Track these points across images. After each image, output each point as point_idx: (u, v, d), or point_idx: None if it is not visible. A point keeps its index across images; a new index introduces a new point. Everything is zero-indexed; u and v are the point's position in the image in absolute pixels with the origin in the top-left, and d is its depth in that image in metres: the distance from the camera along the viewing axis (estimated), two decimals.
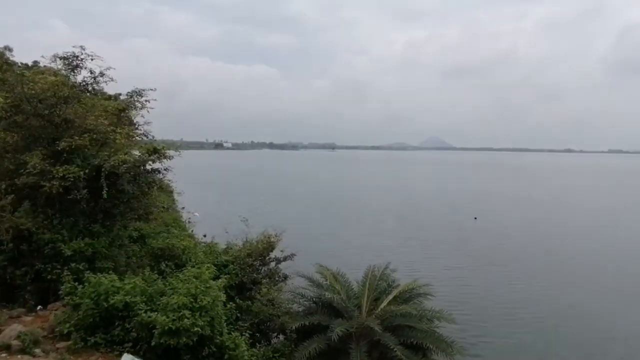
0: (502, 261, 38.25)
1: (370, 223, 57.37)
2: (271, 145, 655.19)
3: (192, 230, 33.06)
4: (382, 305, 15.43)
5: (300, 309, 16.27)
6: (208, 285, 10.56)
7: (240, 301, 14.86)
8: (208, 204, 66.10)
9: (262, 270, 17.04)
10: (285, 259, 17.69)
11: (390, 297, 15.80)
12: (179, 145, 15.39)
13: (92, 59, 12.77)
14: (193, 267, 12.36)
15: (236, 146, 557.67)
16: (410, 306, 15.22)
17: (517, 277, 33.50)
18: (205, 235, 29.39)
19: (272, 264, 17.41)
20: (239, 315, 14.18)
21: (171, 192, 46.88)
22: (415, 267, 34.76)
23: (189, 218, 37.38)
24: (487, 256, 39.82)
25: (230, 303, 13.14)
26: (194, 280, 10.57)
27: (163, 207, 22.01)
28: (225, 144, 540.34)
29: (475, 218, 60.66)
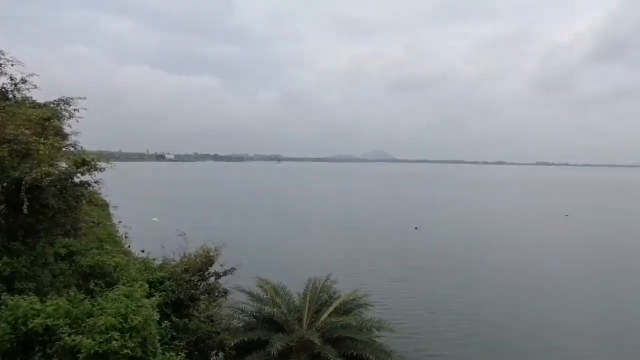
0: (442, 270, 39.38)
1: (315, 235, 57.55)
2: (216, 157, 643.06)
3: (129, 246, 31.62)
4: (322, 318, 15.42)
5: (241, 325, 15.93)
6: (140, 304, 10.11)
7: (177, 319, 14.32)
8: (147, 218, 63.62)
9: (201, 286, 16.54)
10: (225, 273, 17.28)
11: (331, 309, 15.84)
12: (118, 157, 14.72)
13: (12, 65, 11.98)
14: (125, 285, 11.81)
15: (179, 158, 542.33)
16: (351, 317, 15.32)
17: (457, 285, 34.48)
18: (143, 251, 28.19)
19: (212, 279, 16.94)
20: (175, 334, 13.65)
21: (107, 206, 44.75)
22: (359, 278, 35.12)
23: (125, 234, 35.65)
24: (428, 266, 40.93)
25: (166, 322, 12.64)
26: (125, 299, 10.09)
27: (94, 222, 20.86)
28: (167, 156, 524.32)
29: (416, 228, 62.47)
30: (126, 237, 34.97)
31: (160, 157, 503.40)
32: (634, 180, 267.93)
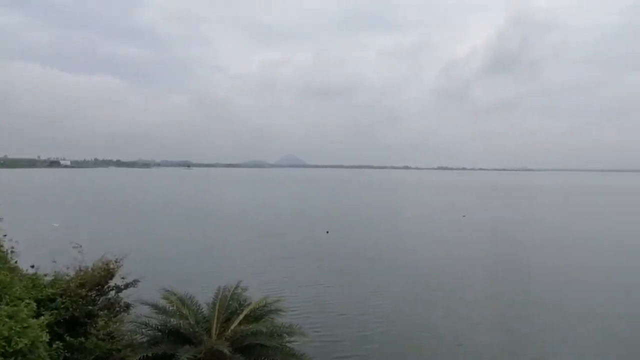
0: (354, 272, 40.32)
1: (226, 242, 56.42)
2: (118, 163, 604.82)
3: (15, 262, 28.53)
4: (232, 326, 15.16)
5: (144, 340, 15.12)
6: (26, 325, 9.25)
7: (72, 338, 13.25)
8: (37, 230, 58.05)
9: (100, 300, 15.48)
10: (127, 286, 16.34)
11: (241, 316, 15.62)
12: (2, 163, 13.27)
13: None
14: (8, 305, 10.68)
15: (76, 164, 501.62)
16: (261, 324, 15.22)
17: (370, 286, 35.43)
18: (33, 266, 25.61)
19: (112, 293, 15.93)
20: (68, 355, 12.62)
21: None
22: (271, 284, 35.02)
23: (11, 248, 32.14)
24: (340, 268, 41.80)
25: (58, 342, 11.65)
26: (7, 320, 9.16)
27: None
28: (62, 162, 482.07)
29: (328, 232, 63.82)
30: (12, 252, 31.54)
31: (54, 163, 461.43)
32: (522, 183, 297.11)
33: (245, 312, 15.86)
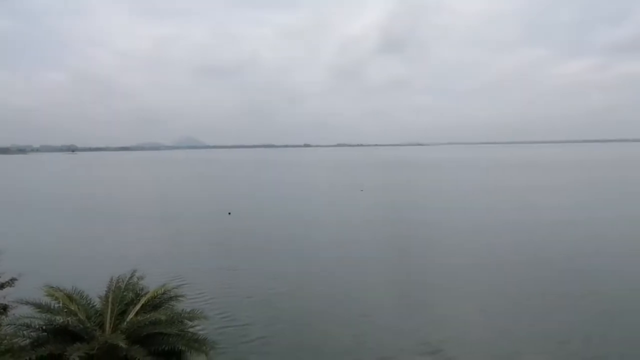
0: (258, 253, 40.05)
1: (121, 230, 52.98)
2: None
3: None
4: (128, 318, 14.44)
5: (27, 342, 13.81)
6: None
7: None
8: None
9: None
10: (2, 286, 14.72)
11: (138, 307, 14.93)
12: None
13: None
14: None
15: None
16: (160, 312, 14.69)
17: (273, 268, 35.23)
18: None
19: None
20: None
21: None
22: (172, 270, 33.75)
23: None
24: (243, 250, 41.36)
25: None
26: None
27: None
28: None
29: (230, 213, 62.84)
30: None
31: None
32: (415, 157, 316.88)
33: (142, 302, 15.19)
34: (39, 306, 14.41)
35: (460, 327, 23.05)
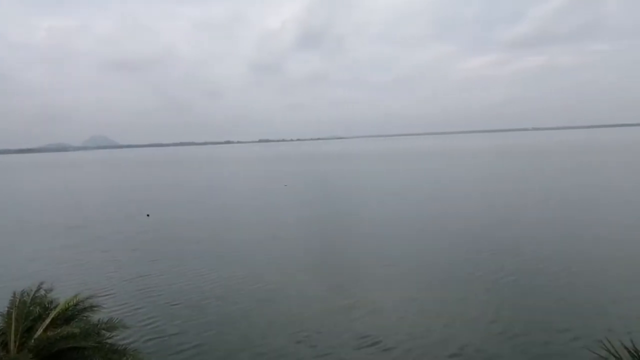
0: (180, 257, 38.40)
1: (22, 242, 48.38)
2: None
3: None
4: (36, 334, 13.15)
5: None
6: None
7: None
8: None
9: None
10: None
11: (47, 321, 13.65)
12: None
13: None
14: None
15: None
16: (72, 326, 13.54)
17: (196, 271, 34.02)
18: None
19: None
20: None
21: None
22: (86, 279, 31.50)
23: None
24: (165, 254, 39.44)
25: None
26: None
27: None
28: None
29: (148, 215, 59.91)
30: None
31: None
32: (336, 151, 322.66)
33: (52, 316, 13.90)
34: None
35: (394, 316, 23.48)
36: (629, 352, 7.13)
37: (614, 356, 7.05)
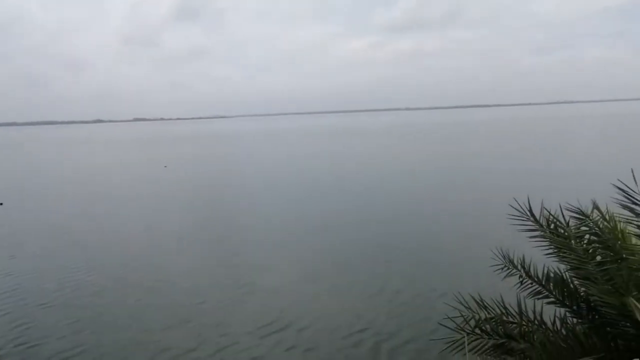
0: (42, 250, 34.14)
1: None
2: None
3: None
4: None
5: None
6: None
7: None
8: None
9: None
10: None
11: None
12: None
13: None
14: None
15: None
16: None
17: (64, 265, 30.08)
18: None
19: None
20: None
21: None
22: None
23: None
24: (19, 246, 35.03)
25: None
26: None
27: None
28: None
29: (1, 203, 52.97)
30: None
31: None
32: (218, 130, 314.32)
33: None
34: None
35: (293, 300, 22.81)
36: (476, 301, 8.24)
37: (463, 305, 8.11)
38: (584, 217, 8.05)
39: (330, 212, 42.41)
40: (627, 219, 7.28)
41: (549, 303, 8.32)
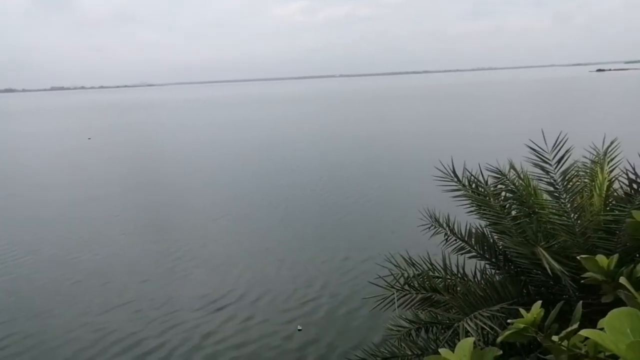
0: None
1: None
2: None
3: None
4: None
5: None
6: None
7: None
8: None
9: None
10: None
11: None
12: None
13: None
14: None
15: None
16: None
17: None
18: None
19: None
20: None
21: None
22: None
23: None
24: None
25: None
26: None
27: None
28: None
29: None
30: None
31: None
32: (145, 99, 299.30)
33: None
34: None
35: (234, 270, 22.64)
36: (405, 260, 8.63)
37: (394, 264, 8.48)
38: (501, 176, 8.61)
39: (259, 182, 42.25)
40: (539, 176, 7.87)
41: (471, 257, 8.92)
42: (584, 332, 2.21)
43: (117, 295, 20.53)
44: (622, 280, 2.48)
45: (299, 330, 17.01)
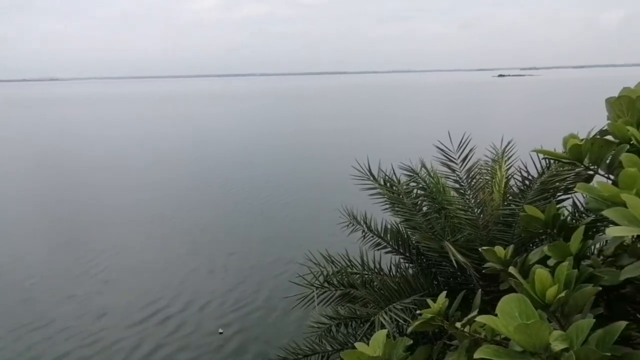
0: None
1: None
2: None
3: None
4: None
5: None
6: None
7: None
8: None
9: None
10: None
11: None
12: None
13: None
14: None
15: None
16: None
17: None
18: None
19: None
20: None
21: None
22: None
23: None
24: None
25: None
26: None
27: None
28: None
29: None
30: None
31: None
32: (47, 94, 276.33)
33: None
34: None
35: (153, 283, 21.49)
36: (324, 257, 8.79)
37: (313, 262, 8.61)
38: (413, 174, 9.07)
39: (174, 181, 40.82)
40: (446, 174, 8.40)
41: (387, 252, 9.30)
42: (480, 319, 2.42)
43: (32, 312, 18.50)
44: (511, 269, 2.74)
45: (220, 333, 16.67)
